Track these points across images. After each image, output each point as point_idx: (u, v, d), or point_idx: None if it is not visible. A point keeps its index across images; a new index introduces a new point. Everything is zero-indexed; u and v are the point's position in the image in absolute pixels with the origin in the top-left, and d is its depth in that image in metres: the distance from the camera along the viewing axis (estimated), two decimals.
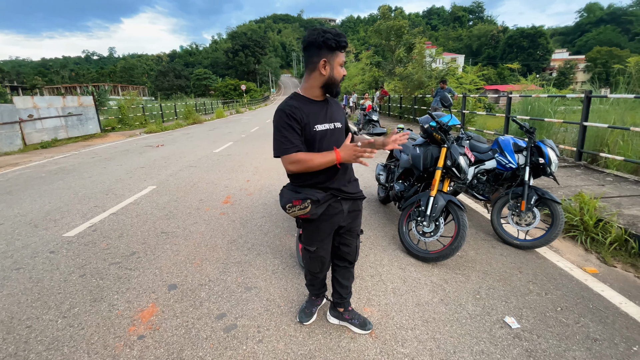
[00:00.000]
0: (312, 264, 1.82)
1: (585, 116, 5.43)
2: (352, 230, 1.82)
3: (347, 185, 1.69)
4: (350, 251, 1.86)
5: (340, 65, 1.54)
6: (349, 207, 1.74)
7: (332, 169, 1.58)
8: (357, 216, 1.81)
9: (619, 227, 3.01)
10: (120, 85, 56.67)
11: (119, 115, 16.02)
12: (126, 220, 3.78)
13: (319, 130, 1.55)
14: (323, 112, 1.59)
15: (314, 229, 1.71)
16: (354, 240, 1.85)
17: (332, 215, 1.68)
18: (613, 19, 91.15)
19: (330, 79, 1.53)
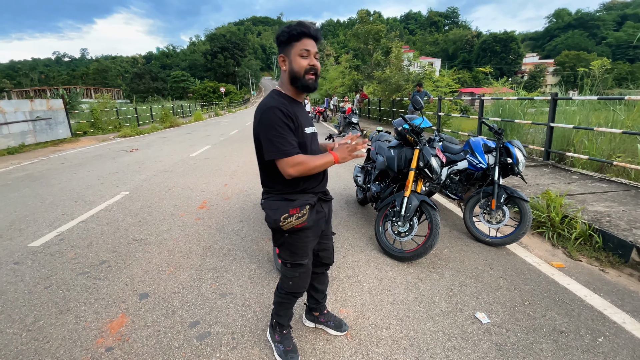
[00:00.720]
0: (301, 280, 1.61)
1: (552, 117, 5.69)
2: (327, 233, 1.76)
3: (324, 185, 1.63)
4: (329, 254, 1.79)
5: (301, 55, 1.37)
6: (329, 209, 1.69)
7: (322, 172, 1.56)
8: (329, 218, 1.76)
9: (583, 222, 3.17)
10: (94, 87, 54.62)
11: (91, 119, 15.44)
12: (96, 228, 3.63)
13: (308, 133, 1.49)
14: (305, 114, 1.52)
15: (304, 239, 1.55)
16: (329, 242, 1.80)
17: (319, 220, 1.59)
18: (581, 24, 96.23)
19: (291, 72, 1.40)
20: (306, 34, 1.37)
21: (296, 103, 1.48)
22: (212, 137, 12.42)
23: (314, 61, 1.40)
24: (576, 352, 1.80)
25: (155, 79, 64.23)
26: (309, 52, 1.38)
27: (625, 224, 3.09)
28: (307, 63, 1.38)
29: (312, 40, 1.39)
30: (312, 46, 1.39)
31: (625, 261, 2.75)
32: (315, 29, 1.39)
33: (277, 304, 1.73)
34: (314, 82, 1.43)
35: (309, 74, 1.40)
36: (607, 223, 3.14)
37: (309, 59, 1.39)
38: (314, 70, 1.41)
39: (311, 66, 1.39)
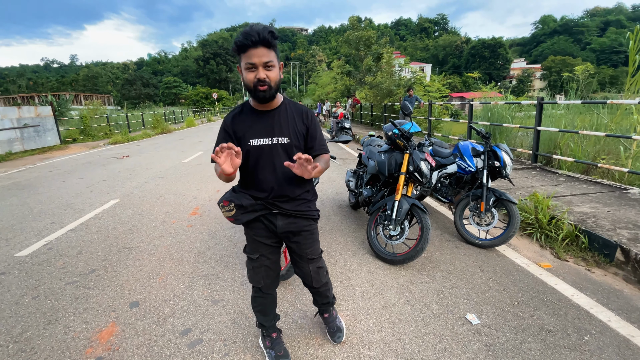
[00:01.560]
0: (256, 274, 1.61)
1: (539, 121, 5.82)
2: (301, 255, 1.64)
3: (284, 198, 1.51)
4: (305, 276, 1.70)
5: (247, 69, 1.32)
6: (287, 225, 1.55)
7: (256, 181, 1.49)
8: (305, 238, 1.61)
9: (570, 223, 3.24)
10: (83, 94, 53.98)
11: (81, 126, 15.27)
12: (85, 236, 3.59)
13: (253, 145, 1.43)
14: (264, 124, 1.44)
15: (251, 237, 1.60)
16: (305, 265, 1.66)
17: (264, 228, 1.55)
18: (566, 30, 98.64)
19: (245, 86, 1.38)
20: (249, 45, 1.28)
21: (258, 113, 1.46)
22: (204, 143, 12.37)
23: (261, 74, 1.31)
24: (563, 351, 1.83)
25: (146, 85, 63.82)
26: (254, 65, 1.30)
27: (609, 224, 3.17)
28: (254, 76, 1.32)
29: (260, 49, 1.29)
30: (260, 56, 1.29)
31: (610, 260, 2.81)
32: (261, 35, 1.26)
33: (251, 299, 1.75)
34: (267, 93, 1.35)
35: (259, 87, 1.34)
36: (593, 224, 3.21)
37: (255, 72, 1.32)
38: (264, 82, 1.33)
39: (258, 79, 1.32)
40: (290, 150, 1.47)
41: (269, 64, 1.32)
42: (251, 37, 1.27)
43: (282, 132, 1.46)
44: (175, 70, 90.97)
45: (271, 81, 1.34)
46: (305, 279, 1.72)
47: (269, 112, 1.47)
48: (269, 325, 1.77)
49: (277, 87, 1.39)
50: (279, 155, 1.46)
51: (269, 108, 1.47)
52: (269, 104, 1.45)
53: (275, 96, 1.43)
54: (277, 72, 1.37)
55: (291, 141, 1.47)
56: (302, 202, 1.58)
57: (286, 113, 1.49)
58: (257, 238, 1.57)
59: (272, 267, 1.63)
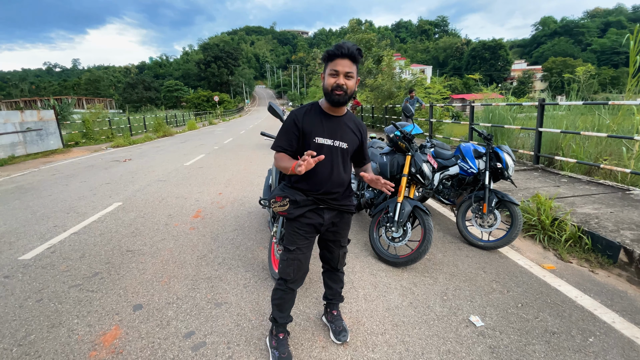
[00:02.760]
0: (288, 266, 1.73)
1: (540, 122, 5.81)
2: (336, 241, 1.84)
3: (333, 195, 1.69)
4: (332, 258, 1.89)
5: (330, 74, 1.53)
6: (332, 217, 1.75)
7: (313, 177, 1.63)
8: (342, 228, 1.83)
9: (572, 225, 3.23)
10: (85, 98, 54.25)
11: (83, 130, 15.32)
12: (89, 239, 3.59)
13: (318, 142, 1.61)
14: (330, 126, 1.63)
15: (293, 229, 1.73)
16: (336, 249, 1.87)
17: (312, 221, 1.70)
18: (566, 32, 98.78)
19: (323, 88, 1.59)
20: (338, 55, 1.50)
21: (326, 115, 1.64)
22: (206, 146, 12.40)
23: (341, 80, 1.51)
24: (568, 353, 1.83)
25: (148, 88, 64.07)
26: (337, 72, 1.51)
27: (612, 225, 3.16)
28: (334, 82, 1.52)
29: (345, 60, 1.50)
30: (344, 66, 1.50)
31: (614, 262, 2.80)
32: (349, 50, 1.48)
33: (272, 291, 1.83)
34: (341, 98, 1.54)
35: (336, 91, 1.53)
36: (596, 225, 3.20)
37: (336, 78, 1.51)
38: (341, 88, 1.52)
39: (337, 84, 1.51)
40: (345, 155, 1.68)
41: (349, 74, 1.52)
42: (342, 49, 1.49)
43: (343, 137, 1.65)
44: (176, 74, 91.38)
45: (348, 88, 1.54)
46: (332, 262, 1.91)
47: (336, 117, 1.65)
48: (281, 322, 1.82)
49: (350, 95, 1.57)
50: (337, 157, 1.65)
51: (337, 114, 1.65)
52: (338, 110, 1.64)
53: (346, 104, 1.61)
54: (354, 83, 1.56)
55: (348, 147, 1.67)
56: (347, 197, 1.78)
57: (347, 123, 1.69)
58: (299, 231, 1.72)
59: (303, 262, 1.76)
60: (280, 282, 1.79)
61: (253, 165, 7.88)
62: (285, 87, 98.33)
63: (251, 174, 6.78)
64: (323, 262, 1.97)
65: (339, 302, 2.04)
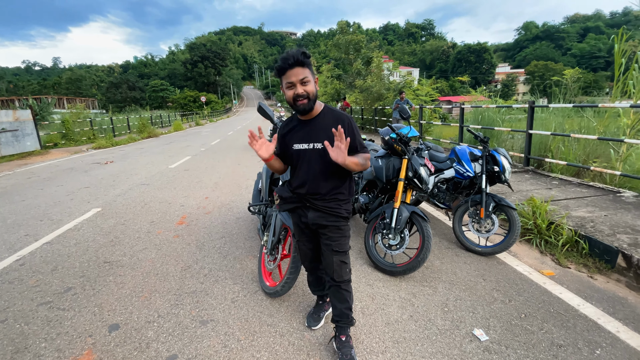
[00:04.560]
0: (300, 255, 1.97)
1: (530, 125, 5.82)
2: (327, 245, 1.80)
3: (315, 196, 1.71)
4: (327, 265, 1.83)
5: (287, 87, 1.56)
6: (316, 218, 1.76)
7: (296, 178, 1.75)
8: (332, 232, 1.77)
9: (569, 229, 3.17)
10: (66, 97, 52.52)
11: (62, 130, 14.73)
12: (62, 250, 3.33)
13: (296, 148, 1.69)
14: (304, 131, 1.68)
15: (293, 222, 1.92)
16: (329, 255, 1.80)
17: (298, 219, 1.84)
18: (547, 36, 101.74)
19: (287, 102, 1.62)
20: (286, 67, 1.51)
21: (300, 122, 1.72)
22: (192, 147, 12.07)
23: (299, 89, 1.54)
24: None
25: (132, 88, 62.57)
26: (292, 83, 1.54)
27: (608, 229, 3.12)
28: (293, 93, 1.55)
29: (295, 69, 1.51)
30: (296, 75, 1.52)
31: (612, 267, 2.75)
32: (295, 57, 1.49)
33: None
34: (306, 105, 1.58)
35: (298, 101, 1.57)
36: (592, 229, 3.16)
37: (294, 89, 1.55)
38: (302, 96, 1.55)
39: (297, 95, 1.55)
40: (324, 155, 1.63)
41: (304, 80, 1.54)
42: (287, 61, 1.50)
43: (317, 138, 1.66)
44: (162, 74, 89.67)
45: (309, 94, 1.56)
46: (328, 270, 1.84)
47: (308, 121, 1.70)
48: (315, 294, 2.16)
49: (314, 98, 1.59)
50: (314, 159, 1.68)
51: (309, 117, 1.69)
52: (309, 114, 1.66)
53: (314, 108, 1.64)
54: (312, 85, 1.58)
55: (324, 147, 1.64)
56: (332, 200, 1.74)
57: (323, 121, 1.67)
58: (296, 225, 1.90)
59: (308, 252, 1.93)
60: None
61: (241, 167, 7.66)
62: (274, 88, 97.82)
63: (239, 177, 6.57)
64: (325, 273, 1.90)
65: (348, 325, 1.84)
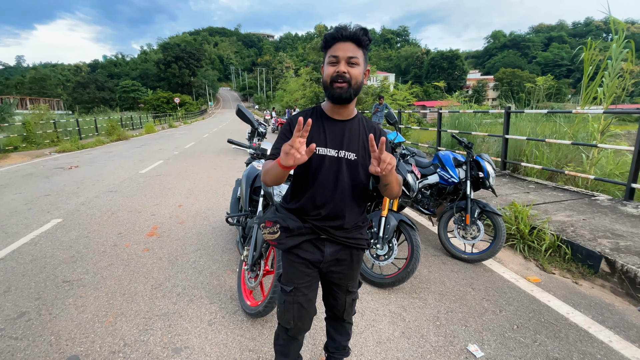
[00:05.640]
0: (286, 311, 1.38)
1: (507, 129, 5.95)
2: (341, 285, 1.44)
3: (338, 222, 1.30)
4: (337, 305, 1.49)
5: (330, 62, 1.20)
6: (335, 253, 1.36)
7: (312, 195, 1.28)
8: (351, 269, 1.42)
9: (551, 233, 3.20)
10: (30, 97, 49.23)
11: (23, 133, 13.71)
12: (17, 267, 2.97)
13: (319, 153, 1.25)
14: (334, 133, 1.27)
15: (289, 263, 1.38)
16: (342, 295, 1.46)
17: (308, 256, 1.34)
18: (514, 45, 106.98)
19: (323, 83, 1.25)
20: (338, 38, 1.18)
21: (329, 120, 1.28)
22: (165, 150, 11.55)
23: (343, 67, 1.17)
24: None
25: (101, 88, 59.76)
26: (337, 58, 1.18)
27: (589, 233, 3.16)
28: (334, 70, 1.18)
29: (347, 44, 1.18)
30: (345, 50, 1.18)
31: (595, 272, 2.77)
32: (353, 31, 1.17)
33: (274, 335, 1.53)
34: (344, 92, 1.18)
35: (336, 83, 1.18)
36: (573, 233, 3.19)
37: (337, 66, 1.18)
38: (343, 78, 1.17)
39: (337, 73, 1.17)
40: (355, 169, 1.29)
41: (352, 59, 1.18)
42: (342, 31, 1.18)
43: (350, 146, 1.27)
44: (133, 74, 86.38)
45: (352, 78, 1.18)
46: (336, 310, 1.51)
47: (341, 122, 1.29)
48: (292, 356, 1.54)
49: (357, 89, 1.21)
50: (342, 171, 1.27)
51: (343, 117, 1.29)
52: (343, 112, 1.28)
53: (353, 100, 1.25)
54: (360, 71, 1.21)
55: (358, 159, 1.28)
56: (355, 229, 1.37)
57: (358, 127, 1.31)
58: (297, 266, 1.36)
59: (305, 305, 1.38)
60: (279, 328, 1.47)
61: (218, 172, 7.36)
62: (251, 90, 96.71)
63: (216, 182, 6.28)
64: (326, 308, 1.57)
65: (344, 357, 1.68)
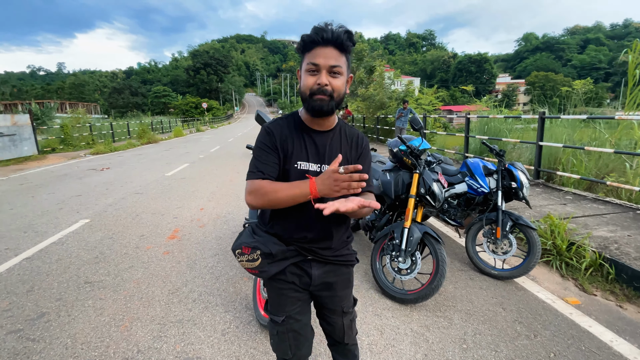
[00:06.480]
0: (281, 342, 1.23)
1: (541, 136, 5.60)
2: (335, 309, 1.30)
3: (325, 242, 1.20)
4: (335, 330, 1.33)
5: (308, 70, 1.05)
6: (323, 274, 1.23)
7: (295, 217, 1.14)
8: (342, 288, 1.29)
9: (592, 250, 2.92)
10: (69, 102, 52.67)
11: (61, 135, 14.56)
12: (42, 267, 3.07)
13: (301, 168, 1.13)
14: (316, 145, 1.15)
15: (277, 292, 1.23)
16: (338, 318, 1.31)
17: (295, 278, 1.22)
18: (547, 47, 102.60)
19: (300, 93, 1.10)
20: (318, 42, 1.03)
21: (305, 130, 1.15)
22: (191, 154, 11.86)
23: (324, 79, 1.03)
24: None
25: (135, 94, 62.89)
26: (317, 67, 1.04)
27: (634, 251, 2.87)
28: (315, 81, 1.04)
29: (329, 49, 1.03)
30: (327, 58, 1.03)
31: None
32: (334, 33, 1.02)
33: None
34: (324, 104, 1.05)
35: (317, 95, 1.04)
36: (617, 251, 2.91)
37: (317, 76, 1.04)
38: (324, 91, 1.04)
39: (319, 86, 1.04)
40: None
41: (335, 69, 1.04)
42: (323, 34, 1.02)
43: (333, 158, 1.13)
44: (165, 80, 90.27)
45: (334, 91, 1.06)
46: (335, 335, 1.35)
47: (321, 133, 1.16)
48: None
49: (339, 101, 1.08)
50: None
51: (323, 128, 1.16)
52: (323, 122, 1.15)
53: (334, 112, 1.12)
54: (343, 81, 1.08)
55: None
56: (343, 245, 1.26)
57: (340, 138, 1.19)
58: (285, 292, 1.22)
59: (301, 331, 1.25)
60: None
61: (240, 176, 7.42)
62: (276, 95, 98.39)
63: (237, 186, 6.33)
64: (325, 335, 1.40)
65: None
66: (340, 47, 1.04)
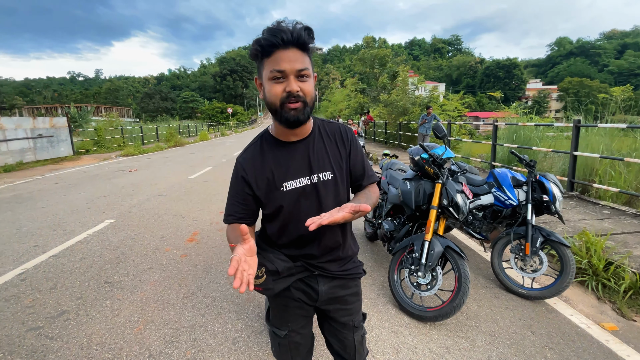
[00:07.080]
0: (282, 353, 1.23)
1: (575, 145, 5.28)
2: (345, 324, 1.22)
3: (331, 255, 1.14)
4: (344, 348, 1.26)
5: (273, 78, 0.93)
6: (331, 289, 1.17)
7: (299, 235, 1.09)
8: (350, 302, 1.22)
9: (632, 271, 2.67)
10: (104, 106, 55.71)
11: (95, 137, 15.36)
12: (66, 265, 3.18)
13: (288, 189, 1.04)
14: (297, 159, 1.06)
15: (281, 308, 1.19)
16: (348, 334, 1.23)
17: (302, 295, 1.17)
18: (582, 52, 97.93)
19: (268, 104, 0.98)
20: (277, 45, 0.91)
21: (284, 146, 1.06)
22: (214, 157, 12.14)
23: (294, 85, 0.92)
24: None
25: (165, 98, 65.64)
26: (283, 73, 0.92)
27: None
28: (283, 89, 0.93)
29: (291, 51, 0.92)
30: (291, 62, 0.92)
31: None
32: (294, 33, 0.91)
33: None
34: (301, 112, 0.95)
35: (289, 104, 0.94)
36: None
37: (285, 83, 0.93)
38: (297, 97, 0.93)
39: (289, 93, 0.93)
40: (335, 188, 1.09)
41: (303, 72, 0.93)
42: (282, 35, 0.90)
43: (323, 165, 1.07)
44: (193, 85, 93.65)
45: (306, 96, 0.95)
46: (344, 354, 1.27)
47: (300, 142, 1.07)
48: None
49: (312, 104, 0.99)
50: (322, 197, 1.07)
51: (301, 136, 1.07)
52: (299, 131, 1.05)
53: (309, 119, 1.03)
54: (312, 84, 0.98)
55: (335, 175, 1.08)
56: (349, 257, 1.20)
57: (322, 139, 1.10)
58: (290, 309, 1.19)
59: (302, 342, 1.25)
60: None
61: None
62: None
63: None
64: (334, 356, 1.32)
65: None
66: (302, 46, 0.94)
